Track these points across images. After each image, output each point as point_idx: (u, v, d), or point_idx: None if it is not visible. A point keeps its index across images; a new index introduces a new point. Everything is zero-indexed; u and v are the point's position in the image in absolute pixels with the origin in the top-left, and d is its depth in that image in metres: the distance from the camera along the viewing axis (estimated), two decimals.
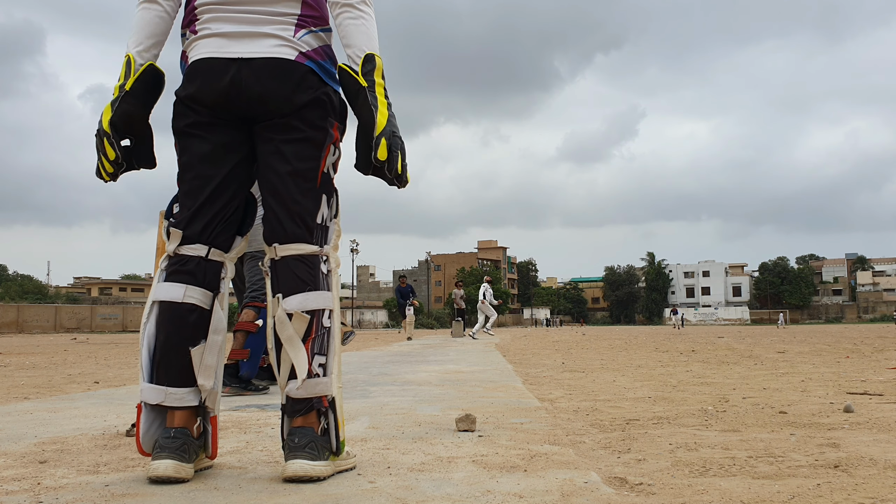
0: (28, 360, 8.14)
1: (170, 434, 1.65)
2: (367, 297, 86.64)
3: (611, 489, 1.56)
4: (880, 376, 4.58)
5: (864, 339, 13.43)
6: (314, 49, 1.79)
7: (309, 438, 1.64)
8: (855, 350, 8.40)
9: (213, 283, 1.77)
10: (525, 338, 17.24)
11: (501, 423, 2.54)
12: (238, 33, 1.75)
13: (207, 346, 1.73)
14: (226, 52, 1.74)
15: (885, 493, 1.49)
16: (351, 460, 1.79)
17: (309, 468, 1.61)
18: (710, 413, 2.82)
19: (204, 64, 1.75)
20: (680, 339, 14.71)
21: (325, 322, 1.73)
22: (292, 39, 1.76)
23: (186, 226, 1.76)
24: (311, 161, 1.78)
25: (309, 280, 1.73)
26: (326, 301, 1.74)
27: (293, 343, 1.69)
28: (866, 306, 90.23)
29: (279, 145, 1.77)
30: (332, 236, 1.83)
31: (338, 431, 1.69)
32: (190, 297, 1.73)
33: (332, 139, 1.82)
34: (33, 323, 42.20)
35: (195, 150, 1.78)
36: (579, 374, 5.16)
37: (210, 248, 1.77)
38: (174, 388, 1.69)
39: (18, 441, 2.23)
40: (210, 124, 1.77)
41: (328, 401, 1.69)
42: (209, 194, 1.77)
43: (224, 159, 1.78)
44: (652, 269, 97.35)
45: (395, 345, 12.65)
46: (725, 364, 6.06)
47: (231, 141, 1.79)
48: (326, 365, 1.70)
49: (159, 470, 1.60)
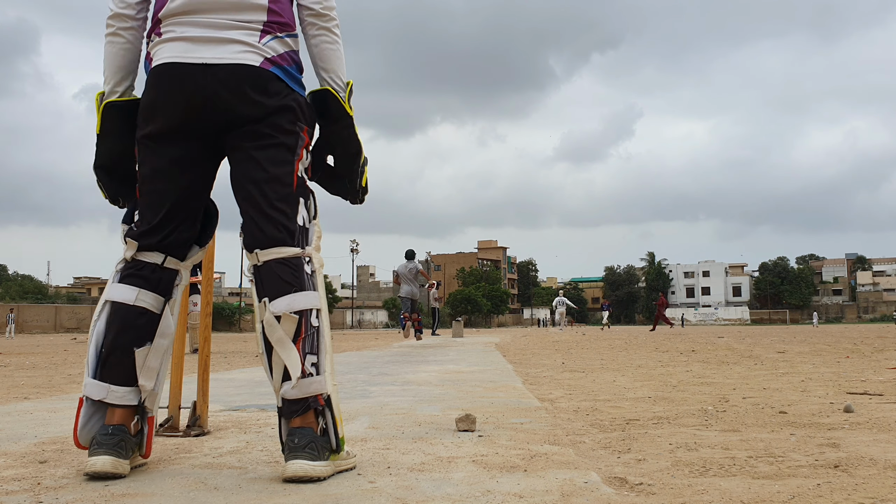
0: (28, 360, 8.14)
1: (108, 431, 1.68)
2: (367, 297, 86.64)
3: (611, 489, 1.56)
4: (880, 376, 4.58)
5: (864, 339, 13.43)
6: (279, 55, 1.80)
7: (309, 439, 1.64)
8: (855, 350, 8.40)
9: (166, 290, 1.80)
10: (525, 338, 17.24)
11: (501, 423, 2.54)
12: (203, 38, 1.75)
13: (152, 349, 1.76)
14: (190, 57, 1.73)
15: (885, 493, 1.49)
16: (351, 460, 1.78)
17: (309, 468, 1.61)
18: (710, 413, 2.82)
19: (167, 68, 1.74)
20: (680, 339, 14.71)
21: (313, 321, 1.73)
22: (257, 45, 1.76)
23: (143, 237, 1.79)
24: (285, 166, 1.79)
25: (294, 281, 1.73)
26: (313, 301, 1.74)
27: (284, 344, 1.69)
28: (866, 306, 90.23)
29: (252, 153, 1.77)
30: (312, 237, 1.84)
31: (336, 429, 1.70)
32: (141, 301, 1.76)
33: (303, 143, 1.84)
34: (33, 323, 42.22)
35: (154, 164, 1.79)
36: (579, 374, 5.16)
37: (166, 257, 1.81)
38: (116, 386, 1.72)
39: (18, 441, 2.23)
40: (170, 137, 1.77)
41: (324, 399, 1.70)
42: (168, 210, 1.79)
43: (183, 175, 1.79)
44: (652, 269, 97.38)
45: (395, 345, 12.65)
46: (725, 364, 6.06)
47: (190, 155, 1.79)
48: (319, 364, 1.71)
49: (97, 465, 1.63)
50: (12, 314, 32.06)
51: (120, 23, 1.83)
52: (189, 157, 1.79)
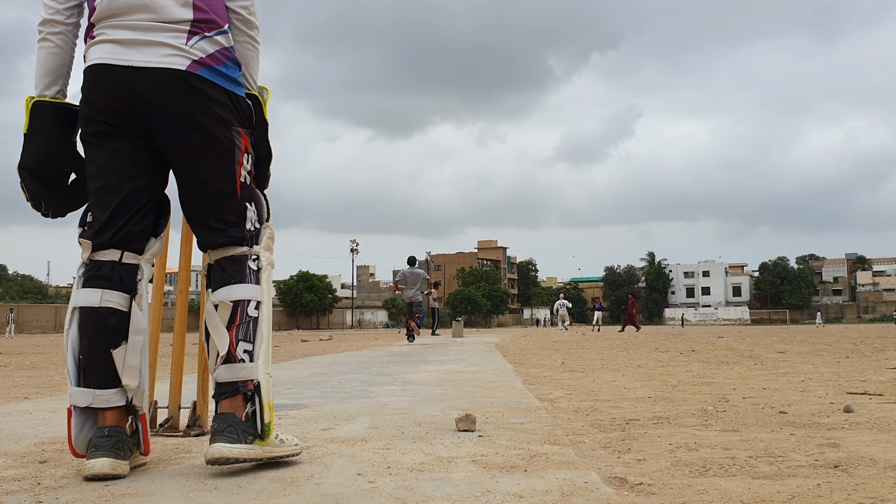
0: (28, 360, 8.14)
1: (104, 433, 1.69)
2: (367, 297, 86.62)
3: (611, 489, 1.56)
4: (880, 376, 4.58)
5: (864, 339, 13.43)
6: (209, 55, 1.79)
7: (228, 423, 1.71)
8: (855, 350, 8.40)
9: (129, 286, 1.80)
10: (525, 338, 17.24)
11: (501, 423, 2.54)
12: (131, 41, 1.75)
13: (129, 347, 1.77)
14: (119, 59, 1.74)
15: (885, 493, 1.49)
16: (288, 448, 1.82)
17: (226, 450, 1.67)
18: (710, 413, 2.82)
19: (97, 69, 1.76)
20: (680, 339, 14.71)
21: (251, 311, 1.81)
22: (184, 47, 1.76)
23: (96, 235, 1.80)
24: (226, 176, 1.83)
25: (235, 274, 1.83)
26: (253, 293, 1.82)
27: (218, 330, 1.79)
28: (866, 306, 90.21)
29: (190, 167, 1.82)
30: (263, 237, 1.91)
31: (263, 415, 1.75)
32: (107, 301, 1.77)
33: (240, 148, 1.85)
34: (33, 323, 42.22)
35: (98, 160, 1.79)
36: (579, 374, 5.16)
37: (123, 252, 1.80)
38: (101, 389, 1.74)
39: (18, 441, 2.23)
40: (111, 133, 1.78)
41: (254, 385, 1.76)
42: (117, 205, 1.79)
43: (129, 170, 1.80)
44: (652, 269, 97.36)
45: (395, 345, 12.65)
46: (725, 364, 6.06)
47: (133, 149, 1.80)
48: (253, 352, 1.79)
49: (95, 468, 1.64)
50: (12, 314, 32.08)
51: (49, 28, 1.84)
52: (131, 152, 1.79)
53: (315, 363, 6.89)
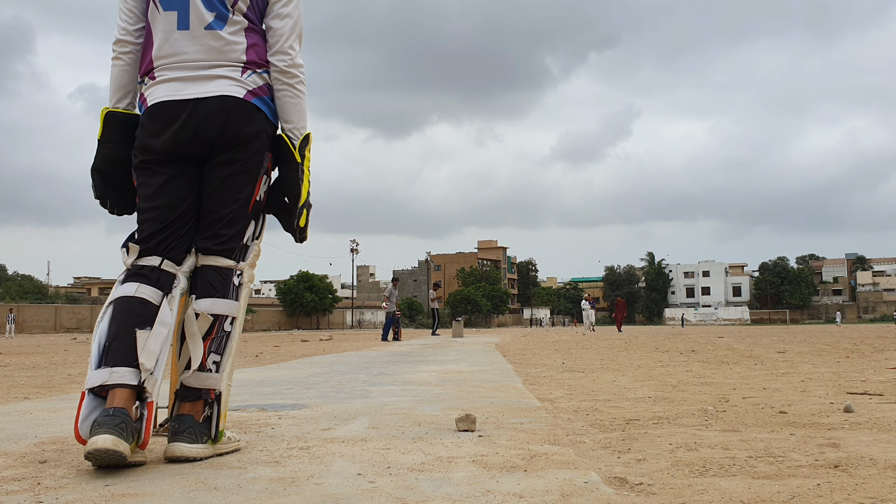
0: (28, 360, 8.14)
1: (109, 412, 1.72)
2: (368, 297, 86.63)
3: (611, 489, 1.56)
4: (880, 376, 4.58)
5: (864, 339, 13.43)
6: (259, 87, 2.03)
7: (188, 424, 1.87)
8: (855, 350, 8.40)
9: (164, 286, 1.94)
10: (525, 338, 17.23)
11: (501, 423, 2.54)
12: (192, 77, 1.96)
13: (153, 334, 1.86)
14: (181, 95, 1.95)
15: (885, 493, 1.49)
16: (232, 444, 2.01)
17: (186, 450, 1.84)
18: (710, 413, 2.82)
19: (162, 106, 1.95)
20: (680, 339, 14.71)
21: (226, 327, 1.98)
22: (240, 79, 2.00)
23: (143, 241, 1.96)
24: (247, 191, 2.02)
25: (220, 288, 1.99)
26: (232, 309, 2.00)
27: (195, 339, 1.94)
28: (866, 306, 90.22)
29: (222, 175, 1.99)
30: (250, 255, 2.08)
31: (218, 422, 1.93)
32: (141, 293, 1.91)
33: (265, 170, 2.07)
34: (33, 323, 42.20)
35: (154, 182, 1.98)
36: (579, 374, 5.16)
37: (163, 260, 1.96)
38: (118, 367, 1.80)
39: (18, 441, 2.23)
40: (164, 162, 1.97)
41: (215, 394, 1.94)
42: (169, 223, 1.97)
43: (181, 192, 1.98)
44: (652, 269, 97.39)
45: (396, 345, 12.66)
46: (725, 364, 6.06)
47: (184, 174, 1.99)
48: (220, 363, 1.96)
49: (98, 443, 1.64)
50: (12, 314, 32.06)
51: (120, 48, 2.05)
52: (183, 177, 1.99)
53: (315, 363, 6.90)
